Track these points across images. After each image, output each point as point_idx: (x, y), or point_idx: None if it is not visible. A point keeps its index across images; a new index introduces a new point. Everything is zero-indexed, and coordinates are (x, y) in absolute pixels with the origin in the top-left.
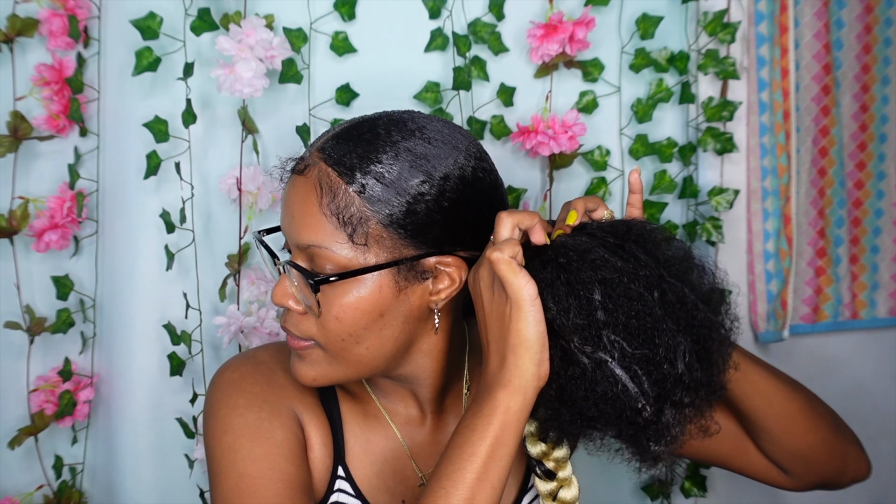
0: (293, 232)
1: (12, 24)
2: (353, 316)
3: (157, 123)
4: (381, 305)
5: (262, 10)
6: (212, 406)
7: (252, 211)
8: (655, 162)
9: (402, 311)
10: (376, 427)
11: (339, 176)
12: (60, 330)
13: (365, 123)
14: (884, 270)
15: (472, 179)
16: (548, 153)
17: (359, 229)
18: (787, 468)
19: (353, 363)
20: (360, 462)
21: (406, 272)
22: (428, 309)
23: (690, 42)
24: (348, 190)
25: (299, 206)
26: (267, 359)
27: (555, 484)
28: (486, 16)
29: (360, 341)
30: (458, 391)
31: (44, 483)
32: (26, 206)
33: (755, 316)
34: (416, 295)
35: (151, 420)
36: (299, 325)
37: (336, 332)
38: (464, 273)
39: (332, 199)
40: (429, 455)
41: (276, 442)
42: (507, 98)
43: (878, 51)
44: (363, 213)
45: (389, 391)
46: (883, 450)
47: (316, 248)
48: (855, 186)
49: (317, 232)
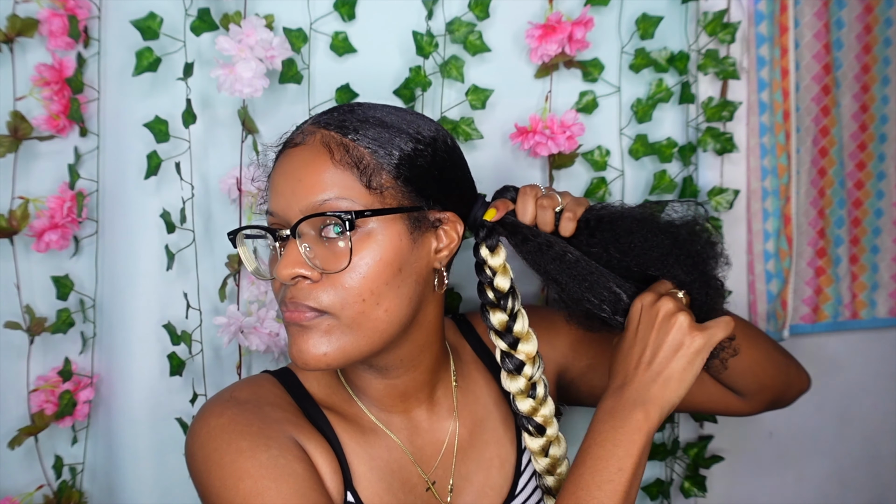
0: (301, 196)
1: (12, 24)
2: (377, 269)
3: (158, 123)
4: (400, 257)
5: (262, 10)
6: (210, 456)
7: (252, 211)
8: (655, 162)
9: (416, 267)
10: (375, 441)
11: (344, 135)
12: (60, 330)
13: (351, 103)
14: (884, 270)
15: (453, 147)
16: (546, 153)
17: (374, 178)
18: (742, 390)
19: (369, 331)
20: (367, 482)
21: (417, 223)
22: (432, 270)
23: (690, 42)
24: (357, 145)
25: (308, 168)
26: (248, 396)
27: (545, 440)
28: (466, 14)
29: (380, 301)
30: (447, 384)
31: (44, 483)
32: (26, 206)
33: (755, 316)
34: (425, 251)
35: (151, 420)
36: (312, 295)
37: (357, 290)
38: (460, 229)
39: (346, 152)
40: (430, 456)
41: (300, 475)
42: (478, 100)
43: (878, 51)
44: (375, 163)
45: (381, 397)
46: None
47: (334, 201)
48: (855, 186)
49: (334, 186)
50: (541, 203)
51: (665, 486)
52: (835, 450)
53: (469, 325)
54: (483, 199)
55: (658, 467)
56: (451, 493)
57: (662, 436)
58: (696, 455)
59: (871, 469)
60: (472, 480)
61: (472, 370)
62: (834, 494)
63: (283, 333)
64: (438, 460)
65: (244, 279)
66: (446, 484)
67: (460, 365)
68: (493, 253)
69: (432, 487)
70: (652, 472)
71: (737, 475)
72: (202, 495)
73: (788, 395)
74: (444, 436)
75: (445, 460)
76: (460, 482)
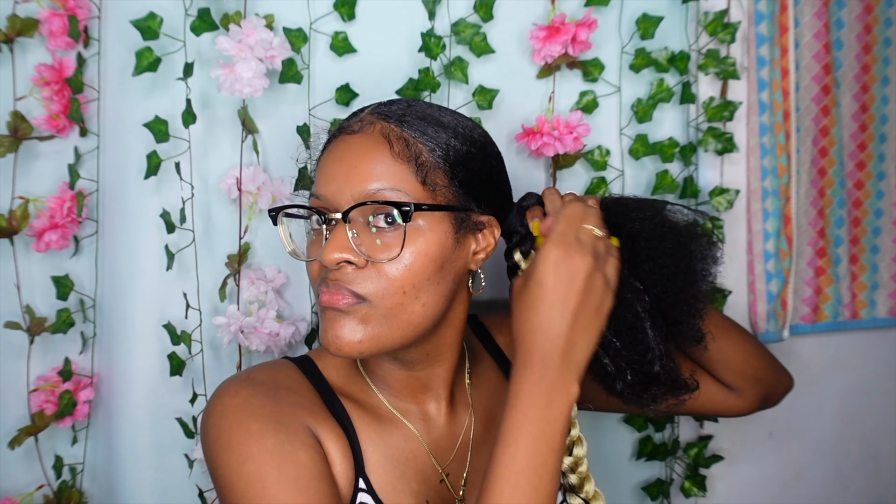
0: (355, 183)
1: (12, 24)
2: (422, 262)
3: (158, 123)
4: (443, 254)
5: (262, 10)
6: (220, 435)
7: (252, 211)
8: (656, 162)
9: (455, 266)
10: (392, 430)
11: (404, 129)
12: (60, 330)
13: (406, 99)
14: (884, 270)
15: (497, 152)
16: (552, 154)
17: (429, 176)
18: (739, 387)
19: (404, 323)
20: (381, 470)
21: (462, 223)
22: (467, 271)
23: (691, 42)
24: (416, 141)
25: (365, 157)
26: (265, 378)
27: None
28: (471, 16)
29: (419, 295)
30: (463, 380)
31: (44, 483)
32: (26, 206)
33: (755, 316)
34: (465, 251)
35: (151, 420)
36: (355, 281)
37: (400, 282)
38: (497, 233)
39: (405, 147)
40: (445, 449)
41: (303, 464)
42: (485, 101)
43: (878, 51)
44: (432, 161)
45: (401, 387)
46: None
47: (388, 191)
48: (855, 186)
49: (390, 177)
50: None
51: (665, 486)
52: (835, 450)
53: (481, 325)
54: (518, 206)
55: (658, 467)
56: (464, 486)
57: (663, 436)
58: (696, 455)
59: (871, 469)
60: None
61: (487, 368)
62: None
63: (283, 333)
64: (454, 454)
65: (244, 279)
66: (460, 477)
67: (475, 362)
68: (526, 259)
69: (446, 479)
70: (652, 472)
71: (737, 475)
72: (210, 469)
73: (779, 390)
74: (459, 430)
75: (461, 454)
76: (474, 476)
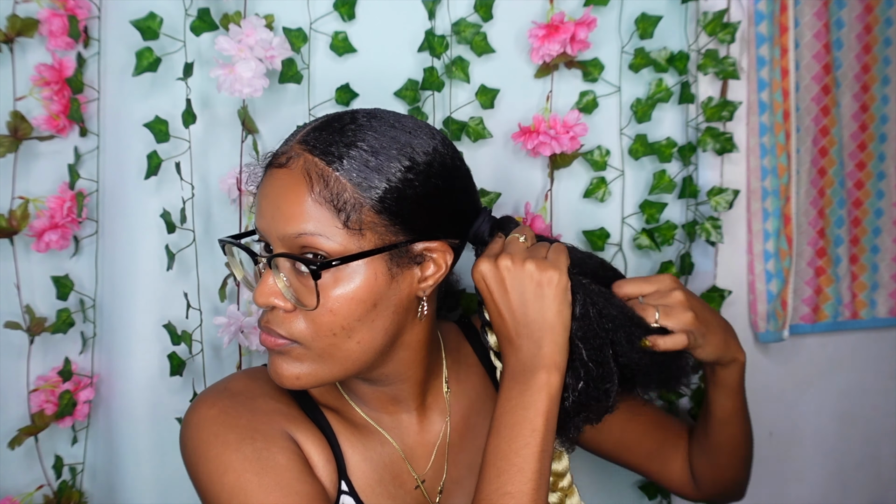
0: (280, 224)
1: (12, 24)
2: (349, 307)
3: (158, 123)
4: (375, 294)
5: (262, 10)
6: (199, 447)
7: (251, 211)
8: (655, 162)
9: (394, 300)
10: (368, 436)
11: (328, 164)
12: (60, 330)
13: (345, 115)
14: (884, 270)
15: (452, 167)
16: (549, 153)
17: (353, 215)
18: (703, 484)
19: (341, 360)
20: (361, 473)
21: (398, 258)
22: (415, 298)
23: (690, 42)
24: (339, 177)
25: (287, 197)
26: (242, 388)
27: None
28: (471, 16)
29: (351, 335)
30: (439, 389)
31: (44, 483)
32: (26, 206)
33: (755, 316)
34: (406, 283)
35: (151, 420)
36: (285, 324)
37: (328, 326)
38: (449, 258)
39: (325, 186)
40: (420, 456)
41: (283, 467)
42: (487, 100)
43: (878, 51)
44: (356, 199)
45: (371, 399)
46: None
47: (309, 236)
48: (855, 186)
49: (309, 220)
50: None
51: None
52: (835, 450)
53: (473, 328)
54: (488, 212)
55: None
56: (440, 493)
57: None
58: None
59: (872, 469)
60: (463, 484)
61: (472, 374)
62: (834, 494)
63: None
64: (431, 461)
65: None
66: (437, 484)
67: (457, 369)
68: None
69: (421, 486)
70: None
71: None
72: (193, 482)
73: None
74: (435, 438)
75: (438, 462)
76: (451, 484)
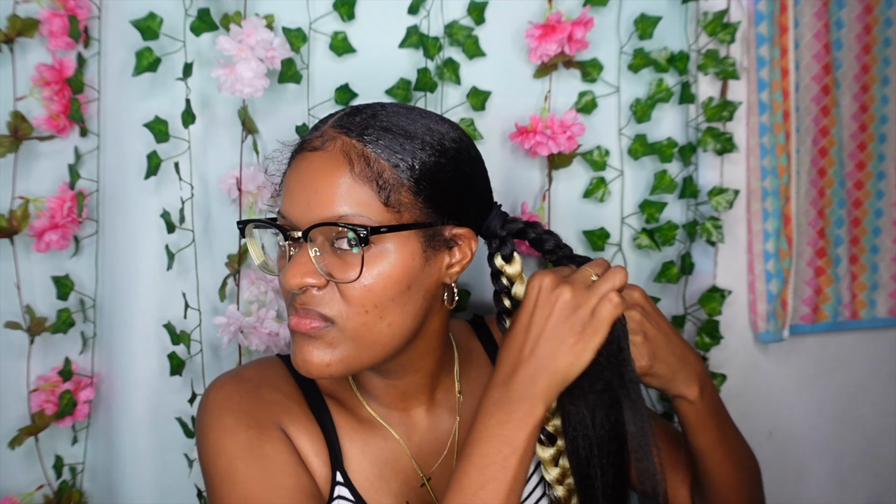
0: (317, 208)
1: (12, 24)
2: (385, 285)
3: (158, 123)
4: (409, 275)
5: (262, 11)
6: (202, 428)
7: (252, 211)
8: (655, 162)
9: (425, 284)
10: (372, 431)
11: (366, 145)
12: (60, 330)
13: (373, 104)
14: (884, 270)
15: (475, 157)
16: (546, 153)
17: (392, 195)
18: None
19: (371, 344)
20: (359, 466)
21: (432, 241)
22: (441, 284)
23: (690, 42)
24: (378, 157)
25: (325, 179)
26: (252, 376)
27: (555, 449)
28: (464, 18)
29: (383, 315)
30: (449, 386)
31: (44, 483)
32: (26, 206)
33: (755, 316)
34: (436, 268)
35: (151, 420)
36: (322, 303)
37: (361, 302)
38: (474, 245)
39: (366, 166)
40: (428, 454)
41: (270, 458)
42: (478, 102)
43: (877, 51)
44: (396, 178)
45: (381, 395)
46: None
47: (350, 216)
48: (855, 186)
49: (350, 201)
50: None
51: None
52: (835, 450)
53: (485, 326)
54: (498, 207)
55: None
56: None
57: None
58: None
59: (872, 469)
60: None
61: (483, 373)
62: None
63: (283, 333)
64: (440, 459)
65: (244, 279)
66: (444, 483)
67: (468, 367)
68: (508, 262)
69: (427, 484)
70: None
71: None
72: (199, 459)
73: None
74: (445, 435)
75: (447, 460)
76: None
